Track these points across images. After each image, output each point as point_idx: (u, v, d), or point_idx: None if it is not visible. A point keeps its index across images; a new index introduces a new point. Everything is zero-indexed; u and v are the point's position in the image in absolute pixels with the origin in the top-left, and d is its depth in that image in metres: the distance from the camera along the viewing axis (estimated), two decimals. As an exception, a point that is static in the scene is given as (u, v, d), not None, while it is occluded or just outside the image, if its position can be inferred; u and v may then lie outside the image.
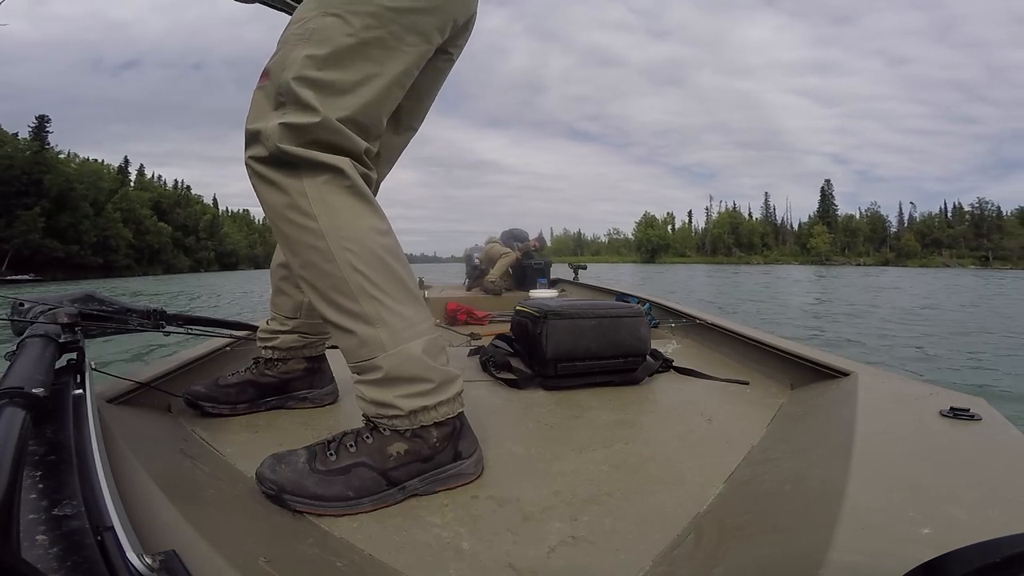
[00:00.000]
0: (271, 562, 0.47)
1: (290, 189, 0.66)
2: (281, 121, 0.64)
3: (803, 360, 1.15)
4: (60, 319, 0.77)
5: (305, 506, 0.63)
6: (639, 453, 0.83)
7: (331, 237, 0.65)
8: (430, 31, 0.74)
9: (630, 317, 1.24)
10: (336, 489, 0.64)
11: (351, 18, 0.67)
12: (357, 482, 0.65)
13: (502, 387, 1.19)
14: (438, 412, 0.69)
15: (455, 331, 2.38)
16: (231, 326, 1.29)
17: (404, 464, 0.67)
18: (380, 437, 0.68)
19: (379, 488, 0.66)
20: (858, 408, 0.77)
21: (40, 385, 0.50)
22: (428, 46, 0.75)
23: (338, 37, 0.66)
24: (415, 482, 0.68)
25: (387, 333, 0.66)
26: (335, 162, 0.66)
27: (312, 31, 0.67)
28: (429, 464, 0.69)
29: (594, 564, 0.55)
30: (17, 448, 0.36)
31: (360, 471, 0.65)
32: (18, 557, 0.27)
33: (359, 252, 0.66)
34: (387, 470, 0.66)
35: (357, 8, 0.67)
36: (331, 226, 0.66)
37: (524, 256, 4.39)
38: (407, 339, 0.67)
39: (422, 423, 0.68)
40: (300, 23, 0.68)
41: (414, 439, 0.68)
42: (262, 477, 0.65)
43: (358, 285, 0.66)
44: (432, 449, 0.69)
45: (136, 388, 0.91)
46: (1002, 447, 0.63)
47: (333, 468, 0.65)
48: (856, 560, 0.40)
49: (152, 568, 0.32)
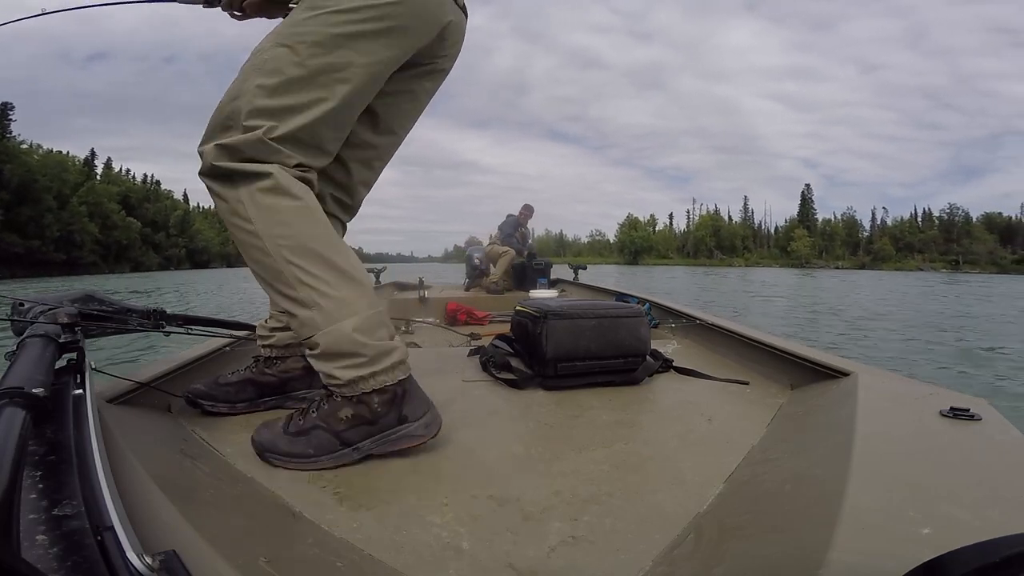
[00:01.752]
0: (271, 562, 0.47)
1: (229, 198, 0.77)
2: (217, 143, 0.76)
3: (803, 360, 1.15)
4: (60, 319, 0.77)
5: (280, 461, 0.75)
6: (639, 453, 0.83)
7: (266, 236, 0.76)
8: (382, 53, 0.81)
9: (630, 317, 1.23)
10: (299, 448, 0.76)
11: (300, 47, 0.76)
12: (316, 442, 0.76)
13: (502, 387, 1.19)
14: (375, 380, 0.77)
15: (455, 331, 2.38)
16: (231, 326, 1.29)
17: (353, 427, 0.76)
18: (333, 403, 0.78)
19: (334, 448, 0.76)
20: (858, 408, 0.77)
21: (40, 385, 0.50)
22: (382, 67, 0.82)
23: (287, 67, 0.76)
24: (367, 443, 0.77)
25: (320, 315, 0.76)
26: (263, 169, 0.75)
27: (265, 61, 0.77)
28: (375, 427, 0.77)
29: (594, 564, 0.55)
30: (17, 448, 0.36)
31: (318, 433, 0.76)
32: (18, 557, 0.27)
33: (291, 246, 0.76)
34: (339, 432, 0.76)
35: (305, 38, 0.76)
36: (265, 226, 0.76)
37: (528, 257, 4.40)
38: (339, 319, 0.76)
39: (362, 390, 0.76)
40: (257, 54, 0.78)
41: (358, 404, 0.77)
42: (252, 440, 0.78)
43: (293, 275, 0.76)
44: (374, 414, 0.77)
45: (136, 388, 0.91)
46: (1002, 447, 0.63)
47: (299, 430, 0.77)
48: (856, 560, 0.40)
49: (152, 568, 0.32)
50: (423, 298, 3.27)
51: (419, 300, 3.22)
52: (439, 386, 1.19)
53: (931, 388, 0.86)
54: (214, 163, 0.76)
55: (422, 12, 0.83)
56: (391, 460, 0.80)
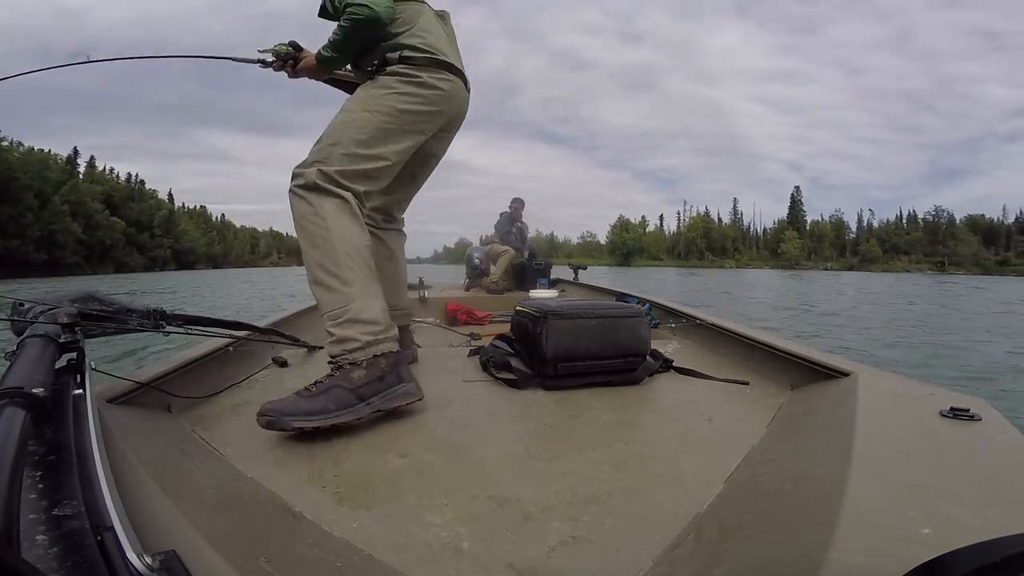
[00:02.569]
0: (271, 562, 0.47)
1: (316, 204, 1.06)
2: (320, 168, 1.06)
3: (803, 360, 1.15)
4: (60, 319, 0.77)
5: (300, 421, 0.86)
6: (639, 453, 0.83)
7: (335, 233, 1.05)
8: (425, 126, 1.19)
9: (630, 317, 1.23)
10: (320, 404, 0.89)
11: (378, 115, 1.12)
12: (335, 398, 0.91)
13: (502, 387, 1.19)
14: (385, 346, 1.01)
15: (455, 331, 2.38)
16: (231, 326, 1.29)
17: (366, 383, 0.95)
18: (344, 370, 0.96)
19: (351, 402, 0.92)
20: (858, 408, 0.77)
21: (40, 385, 0.49)
22: (422, 136, 1.20)
23: (369, 127, 1.11)
24: (376, 399, 0.95)
25: (356, 290, 1.03)
26: (343, 194, 1.07)
27: (353, 120, 1.12)
28: (383, 384, 0.97)
29: (594, 564, 0.55)
30: (17, 448, 0.36)
31: (337, 391, 0.92)
32: (18, 557, 0.27)
33: (347, 247, 1.05)
34: (355, 388, 0.94)
35: (383, 108, 1.12)
36: (335, 227, 1.05)
37: (528, 257, 4.40)
38: (369, 296, 1.04)
39: (374, 353, 0.99)
40: (347, 112, 1.14)
41: (370, 367, 0.97)
42: (261, 411, 0.87)
43: (344, 261, 1.04)
44: (383, 371, 0.98)
45: (136, 388, 0.91)
46: (1002, 447, 0.63)
47: (318, 392, 0.92)
48: (856, 560, 0.40)
49: (152, 568, 0.32)
50: (423, 298, 3.27)
51: (419, 300, 3.21)
52: (439, 386, 1.19)
53: (931, 388, 0.86)
54: (317, 181, 1.05)
55: (455, 100, 1.22)
56: (391, 460, 0.80)
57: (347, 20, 1.13)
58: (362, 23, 1.12)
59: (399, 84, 1.14)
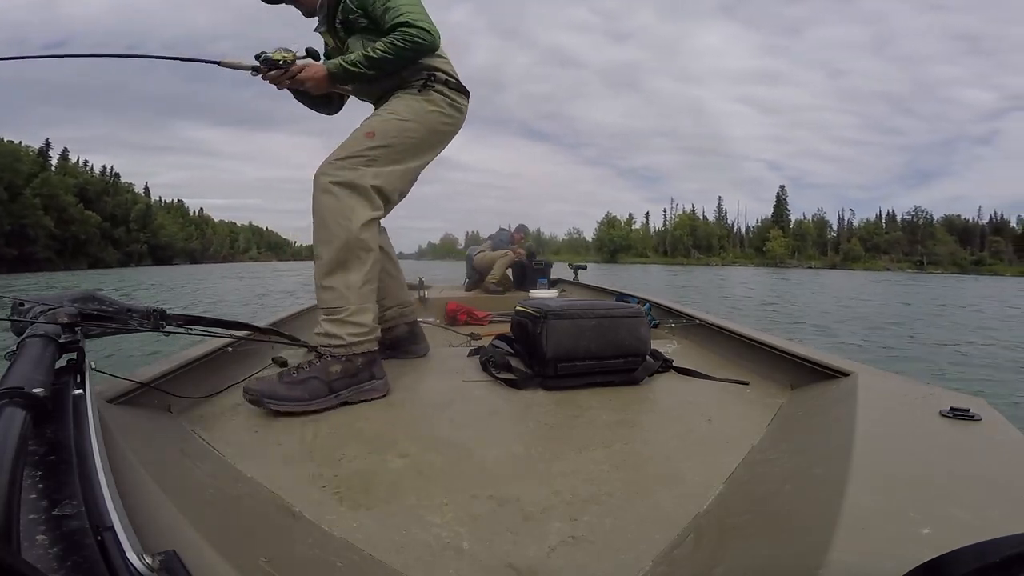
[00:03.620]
0: (271, 562, 0.47)
1: (344, 201, 1.12)
2: (350, 169, 1.13)
3: (803, 360, 1.15)
4: (60, 319, 0.77)
5: (277, 405, 0.97)
6: (639, 453, 0.83)
7: (353, 231, 1.11)
8: (442, 147, 1.31)
9: (630, 317, 1.23)
10: (297, 393, 1.00)
11: (423, 128, 1.22)
12: (310, 388, 1.02)
13: (502, 387, 1.19)
14: (364, 346, 1.11)
15: (455, 331, 2.38)
16: (231, 326, 1.28)
17: (340, 378, 1.05)
18: (324, 361, 1.06)
19: (323, 394, 1.03)
20: (858, 408, 0.77)
21: (40, 385, 0.49)
22: (436, 155, 1.31)
23: (417, 137, 1.22)
24: (346, 392, 1.05)
25: (357, 297, 1.13)
26: (368, 194, 1.14)
27: (408, 128, 1.21)
28: (355, 380, 1.07)
29: (594, 564, 0.55)
30: (17, 448, 0.36)
31: (312, 382, 1.03)
32: (18, 557, 0.27)
33: (361, 255, 1.13)
34: (330, 381, 1.04)
35: (428, 124, 1.23)
36: (358, 233, 1.12)
37: (528, 257, 4.39)
38: (366, 301, 1.15)
39: (354, 351, 1.09)
40: (401, 120, 1.21)
41: (347, 362, 1.07)
42: (247, 389, 0.99)
43: (358, 263, 1.13)
44: (357, 368, 1.08)
45: (136, 388, 0.91)
46: (1002, 447, 0.63)
47: (296, 380, 1.02)
48: (856, 560, 0.40)
49: (152, 568, 0.32)
50: (423, 298, 3.27)
51: (419, 300, 3.21)
52: (439, 386, 1.19)
53: (931, 388, 0.86)
54: (356, 181, 1.12)
55: (460, 119, 1.32)
56: (391, 460, 0.80)
57: (404, 42, 1.15)
58: (423, 49, 1.19)
59: (445, 105, 1.25)
